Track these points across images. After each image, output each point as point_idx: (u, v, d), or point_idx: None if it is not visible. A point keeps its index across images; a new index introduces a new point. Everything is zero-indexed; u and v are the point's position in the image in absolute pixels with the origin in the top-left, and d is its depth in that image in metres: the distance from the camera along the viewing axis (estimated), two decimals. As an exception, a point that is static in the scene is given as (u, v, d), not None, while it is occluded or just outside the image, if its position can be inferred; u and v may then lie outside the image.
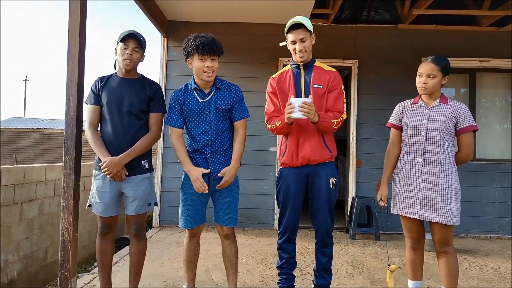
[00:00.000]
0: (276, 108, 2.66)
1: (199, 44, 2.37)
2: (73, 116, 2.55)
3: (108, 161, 2.37)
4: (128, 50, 2.47)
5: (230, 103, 2.52)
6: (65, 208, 2.50)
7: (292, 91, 2.58)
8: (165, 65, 5.25)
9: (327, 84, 2.57)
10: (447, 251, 2.40)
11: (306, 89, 2.58)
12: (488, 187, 5.10)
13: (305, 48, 2.52)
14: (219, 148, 2.51)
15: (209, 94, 2.50)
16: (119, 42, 2.48)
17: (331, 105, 2.57)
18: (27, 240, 4.43)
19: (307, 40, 2.53)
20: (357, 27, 5.24)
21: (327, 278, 2.68)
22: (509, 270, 3.67)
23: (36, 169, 4.63)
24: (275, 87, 2.66)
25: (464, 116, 2.40)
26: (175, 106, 2.51)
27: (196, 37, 2.41)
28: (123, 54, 2.46)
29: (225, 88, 2.55)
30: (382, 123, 5.28)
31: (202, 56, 2.39)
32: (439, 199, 2.35)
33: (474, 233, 5.05)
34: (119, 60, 2.50)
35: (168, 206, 5.13)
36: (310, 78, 2.59)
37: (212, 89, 2.51)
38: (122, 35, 2.48)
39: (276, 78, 2.69)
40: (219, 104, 2.49)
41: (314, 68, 2.63)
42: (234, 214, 2.57)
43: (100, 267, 2.58)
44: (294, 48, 2.54)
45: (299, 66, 2.63)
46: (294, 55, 2.57)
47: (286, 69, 2.70)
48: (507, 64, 5.20)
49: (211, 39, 2.41)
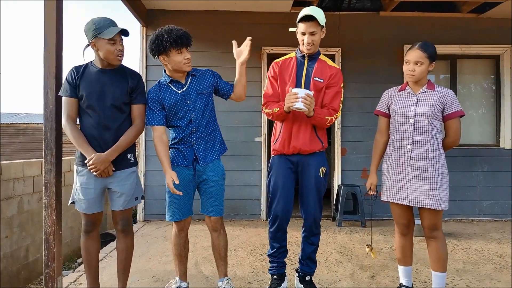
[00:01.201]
0: (274, 92, 2.62)
1: (177, 38, 2.33)
2: (52, 110, 2.44)
3: (95, 158, 2.27)
4: (118, 45, 2.33)
5: (210, 86, 2.54)
6: (47, 206, 2.41)
7: (292, 80, 2.55)
8: (145, 55, 5.11)
9: (327, 79, 2.55)
10: (436, 236, 2.42)
11: (306, 80, 2.55)
12: (469, 172, 5.22)
13: (313, 41, 2.49)
14: (203, 133, 2.50)
15: (186, 83, 2.48)
16: (103, 38, 2.28)
17: (328, 102, 2.55)
18: (7, 239, 4.28)
19: (317, 34, 2.49)
20: (340, 15, 5.20)
21: (312, 266, 2.70)
22: (492, 251, 3.77)
23: (13, 166, 4.45)
24: (277, 72, 2.62)
25: (451, 101, 2.41)
26: (154, 105, 2.47)
27: (169, 32, 2.35)
28: (114, 50, 2.31)
29: (199, 74, 2.55)
30: (366, 111, 5.37)
31: (180, 49, 2.37)
32: (428, 185, 2.37)
33: (457, 217, 5.18)
34: (109, 56, 2.32)
35: (152, 200, 5.04)
36: (313, 70, 2.56)
37: (188, 77, 2.50)
38: (106, 30, 2.28)
39: (279, 64, 2.65)
40: (199, 89, 2.50)
41: (318, 60, 2.60)
42: (220, 204, 2.57)
43: (86, 266, 2.49)
44: (303, 40, 2.50)
45: (304, 57, 2.59)
46: (302, 46, 2.54)
47: (291, 56, 2.67)
48: (487, 50, 5.29)
49: (183, 31, 2.40)
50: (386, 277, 3.08)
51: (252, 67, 5.02)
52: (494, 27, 5.20)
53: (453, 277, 3.09)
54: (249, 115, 5.09)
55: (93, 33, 2.29)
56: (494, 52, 5.32)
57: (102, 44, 2.31)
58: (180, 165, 2.49)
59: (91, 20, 2.34)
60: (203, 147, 2.50)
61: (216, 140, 2.58)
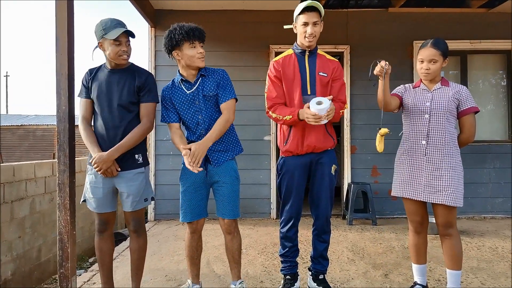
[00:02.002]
0: (279, 93, 2.56)
1: (189, 31, 2.33)
2: (64, 111, 2.46)
3: (97, 157, 2.28)
4: (123, 46, 2.34)
5: (216, 88, 2.45)
6: (61, 206, 2.42)
7: (297, 77, 2.52)
8: (153, 55, 5.13)
9: (331, 73, 2.54)
10: (451, 234, 2.39)
11: (311, 76, 2.53)
12: (480, 169, 5.16)
13: (315, 32, 2.46)
14: None
15: (195, 83, 2.45)
16: (108, 38, 2.29)
17: (335, 95, 2.53)
18: (19, 239, 4.32)
19: (319, 25, 2.47)
20: (348, 12, 5.18)
21: (324, 264, 2.68)
22: (506, 249, 3.72)
23: (25, 167, 4.49)
24: (280, 70, 2.56)
25: (465, 98, 2.39)
26: (167, 103, 2.48)
27: (181, 26, 2.35)
28: (118, 51, 2.33)
29: (210, 74, 2.48)
30: (375, 109, 5.29)
31: (193, 43, 2.35)
32: (443, 181, 2.34)
33: (468, 214, 5.12)
34: (113, 57, 2.34)
35: (162, 199, 5.05)
36: (315, 65, 2.54)
37: (198, 77, 2.45)
38: (110, 31, 2.29)
39: (280, 62, 2.59)
40: (205, 92, 2.44)
41: (318, 55, 2.58)
42: (234, 206, 2.50)
43: (100, 265, 2.50)
44: (305, 31, 2.46)
45: (303, 52, 2.56)
46: (303, 38, 2.49)
47: (289, 53, 2.62)
48: (497, 46, 5.22)
49: (196, 26, 2.39)
50: (400, 275, 3.06)
51: (260, 66, 5.01)
52: (504, 22, 5.14)
53: (468, 275, 3.06)
54: (257, 114, 5.07)
55: (100, 33, 2.33)
56: (505, 47, 5.25)
57: (107, 44, 2.33)
58: None
59: (100, 21, 2.37)
60: (215, 148, 2.44)
61: (230, 142, 2.53)
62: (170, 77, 2.56)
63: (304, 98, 2.48)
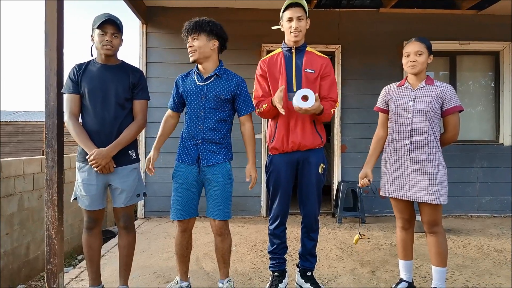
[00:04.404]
0: (264, 92, 2.60)
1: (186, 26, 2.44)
2: (53, 106, 2.44)
3: (96, 153, 2.28)
4: (107, 36, 2.35)
5: (230, 94, 2.45)
6: (49, 202, 2.41)
7: (283, 74, 2.53)
8: (144, 52, 5.08)
9: (319, 70, 2.55)
10: (436, 231, 2.43)
11: (297, 73, 2.54)
12: (468, 168, 5.24)
13: (300, 27, 2.48)
14: (211, 137, 2.44)
15: (208, 79, 2.45)
16: (95, 28, 2.35)
17: (326, 94, 2.55)
18: (7, 236, 4.28)
19: (303, 20, 2.50)
20: (340, 12, 5.21)
21: (312, 261, 2.71)
22: (491, 247, 3.79)
23: (13, 163, 4.45)
24: (265, 69, 2.59)
25: (450, 96, 2.42)
26: (174, 89, 2.58)
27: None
28: (102, 41, 2.35)
29: (226, 77, 2.47)
30: (366, 108, 5.38)
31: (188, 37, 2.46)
32: (427, 179, 2.38)
33: (456, 213, 5.20)
34: (98, 47, 2.38)
35: (153, 197, 5.04)
36: (302, 62, 2.55)
37: (212, 75, 2.45)
38: (98, 21, 2.34)
39: (266, 61, 2.62)
40: (218, 93, 2.43)
41: (306, 52, 2.59)
42: (225, 207, 2.46)
43: (88, 262, 2.50)
44: (290, 26, 2.49)
45: (290, 50, 2.58)
46: (289, 34, 2.52)
47: (277, 52, 2.64)
48: (486, 47, 5.30)
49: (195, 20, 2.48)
50: (386, 272, 3.10)
51: (251, 64, 4.98)
52: (493, 23, 5.22)
53: (453, 272, 3.11)
54: (249, 112, 5.06)
55: (91, 26, 2.39)
56: (494, 49, 5.33)
57: (95, 35, 2.39)
58: (185, 162, 2.47)
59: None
60: (208, 149, 2.44)
61: (223, 148, 2.50)
62: (161, 74, 2.58)
63: (289, 95, 2.50)
